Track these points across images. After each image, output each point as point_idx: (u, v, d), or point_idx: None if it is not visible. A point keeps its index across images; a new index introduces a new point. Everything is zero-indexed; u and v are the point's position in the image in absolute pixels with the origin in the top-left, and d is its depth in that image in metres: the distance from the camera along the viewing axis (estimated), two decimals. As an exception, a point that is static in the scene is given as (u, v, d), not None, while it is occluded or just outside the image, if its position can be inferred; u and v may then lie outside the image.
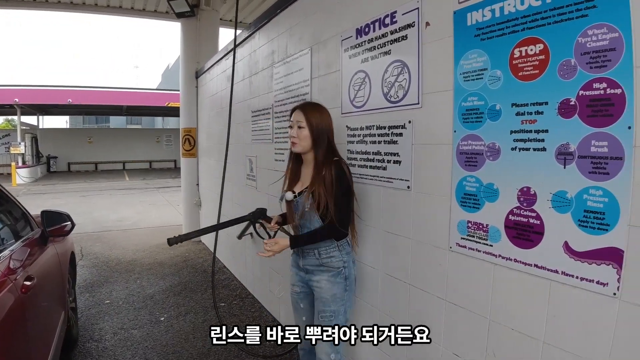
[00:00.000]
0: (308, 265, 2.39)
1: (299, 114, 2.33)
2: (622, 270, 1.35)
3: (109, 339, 3.76)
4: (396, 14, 2.24)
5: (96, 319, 4.20)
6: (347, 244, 2.36)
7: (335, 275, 2.31)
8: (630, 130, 1.31)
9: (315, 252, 2.33)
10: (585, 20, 1.41)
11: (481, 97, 1.77)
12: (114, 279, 5.45)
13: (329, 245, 2.31)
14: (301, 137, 2.30)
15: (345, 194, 2.25)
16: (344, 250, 2.33)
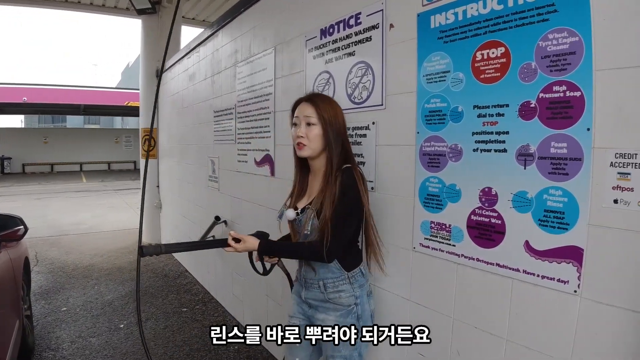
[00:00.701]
0: (311, 299, 1.97)
1: (307, 107, 1.88)
2: (582, 268, 1.38)
3: (67, 348, 3.64)
4: (361, 15, 2.24)
5: (53, 327, 4.05)
6: (360, 274, 1.93)
7: (345, 314, 1.88)
8: (589, 132, 1.35)
9: (319, 285, 1.92)
10: (546, 24, 1.44)
11: (444, 99, 1.79)
12: (70, 285, 5.28)
13: (338, 276, 1.88)
14: (311, 137, 1.85)
15: (348, 210, 1.79)
16: (356, 283, 1.90)
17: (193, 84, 5.16)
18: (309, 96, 1.95)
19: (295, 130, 1.90)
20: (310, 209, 1.84)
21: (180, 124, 5.82)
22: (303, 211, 1.90)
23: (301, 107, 1.92)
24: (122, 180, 20.53)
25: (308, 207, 1.87)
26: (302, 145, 1.88)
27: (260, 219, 3.50)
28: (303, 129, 1.87)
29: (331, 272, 1.89)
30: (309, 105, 1.89)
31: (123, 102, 20.23)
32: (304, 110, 1.89)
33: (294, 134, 1.91)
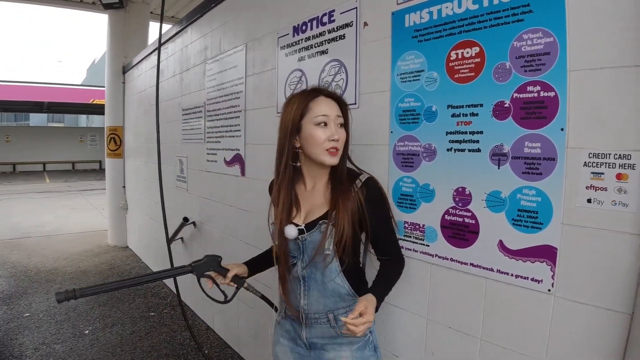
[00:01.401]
0: (316, 337, 1.63)
1: (335, 105, 1.58)
2: (556, 268, 1.39)
3: (30, 355, 3.50)
4: (334, 12, 2.22)
5: (15, 334, 3.90)
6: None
7: (362, 347, 1.61)
8: (563, 132, 1.35)
9: (329, 318, 1.60)
10: (521, 24, 1.45)
11: (418, 99, 1.78)
12: (33, 289, 5.09)
13: (351, 304, 1.59)
14: (342, 142, 1.58)
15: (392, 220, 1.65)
16: None
17: (161, 81, 5.04)
18: (333, 93, 1.63)
19: (325, 132, 1.53)
20: (325, 224, 1.55)
21: (147, 123, 5.70)
22: (311, 227, 1.57)
23: (328, 104, 1.57)
24: (86, 180, 20.04)
25: (323, 222, 1.56)
26: (337, 151, 1.56)
27: (230, 220, 3.45)
28: (334, 129, 1.55)
29: (343, 300, 1.59)
30: (336, 104, 1.60)
31: (88, 99, 19.71)
32: (334, 109, 1.57)
33: (326, 136, 1.53)
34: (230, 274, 1.73)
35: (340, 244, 1.51)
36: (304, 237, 1.58)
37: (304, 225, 1.59)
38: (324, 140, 1.53)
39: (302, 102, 1.56)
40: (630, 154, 1.22)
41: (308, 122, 1.54)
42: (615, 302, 1.28)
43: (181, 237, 4.45)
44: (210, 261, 1.72)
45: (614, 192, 1.26)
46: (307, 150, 1.56)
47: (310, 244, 1.57)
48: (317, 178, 1.65)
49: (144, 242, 6.21)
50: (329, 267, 1.56)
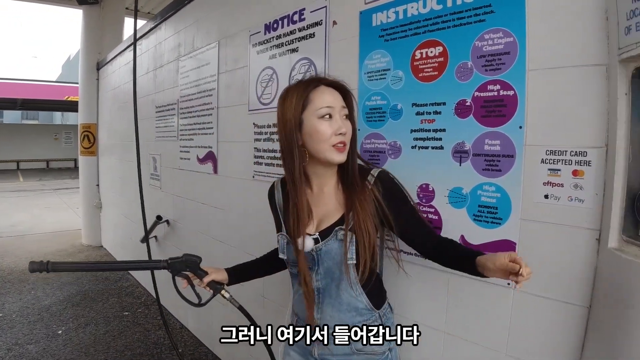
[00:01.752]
0: (329, 354, 1.48)
1: (337, 95, 1.41)
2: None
3: (3, 356, 3.45)
4: (304, 11, 2.23)
5: (-12, 335, 3.84)
6: (390, 310, 1.55)
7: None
8: (521, 129, 1.39)
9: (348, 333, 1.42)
10: (483, 24, 1.48)
11: (384, 97, 1.81)
12: (5, 290, 5.00)
13: (368, 318, 1.45)
14: (349, 135, 1.41)
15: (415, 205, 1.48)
16: (388, 322, 1.50)
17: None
18: (336, 81, 1.44)
19: (331, 126, 1.36)
20: (343, 230, 1.38)
21: (121, 120, 5.64)
22: (327, 235, 1.41)
23: (332, 93, 1.40)
24: (61, 179, 19.71)
25: (339, 228, 1.39)
26: (344, 146, 1.39)
27: (202, 218, 3.45)
28: (340, 121, 1.38)
29: (360, 314, 1.44)
30: (339, 94, 1.43)
31: (63, 96, 19.41)
32: (338, 99, 1.41)
33: (332, 130, 1.36)
34: (207, 278, 1.61)
35: (365, 251, 1.36)
36: (318, 247, 1.41)
37: (318, 233, 1.42)
38: (330, 134, 1.36)
39: (302, 94, 1.38)
40: (586, 151, 1.27)
41: (310, 116, 1.37)
42: (573, 295, 1.32)
43: (154, 235, 4.42)
44: (188, 261, 1.62)
45: (570, 188, 1.30)
46: (311, 147, 1.39)
47: (326, 254, 1.40)
48: (325, 178, 1.47)
49: (119, 241, 6.15)
50: (346, 279, 1.40)
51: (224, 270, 1.69)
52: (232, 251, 3.03)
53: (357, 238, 1.36)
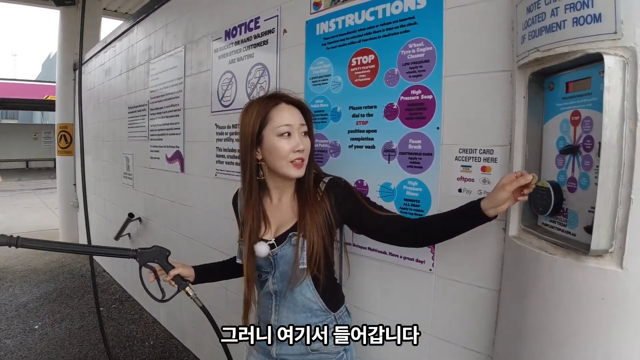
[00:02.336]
0: (288, 354, 1.54)
1: (298, 113, 1.47)
2: (435, 250, 1.60)
3: (-18, 350, 3.54)
4: (259, 19, 2.37)
5: (-34, 330, 3.92)
6: (346, 313, 1.61)
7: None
8: (439, 130, 1.55)
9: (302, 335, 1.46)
10: (407, 35, 1.64)
11: (326, 100, 1.96)
12: (-17, 288, 5.07)
13: (322, 320, 1.51)
14: (307, 152, 1.46)
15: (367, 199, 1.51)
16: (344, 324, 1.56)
17: (109, 79, 5.10)
18: (295, 99, 1.50)
19: (290, 143, 1.42)
20: (295, 236, 1.45)
21: (95, 120, 5.72)
22: (282, 241, 1.48)
23: (291, 111, 1.45)
24: (40, 179, 19.49)
25: (293, 234, 1.46)
26: (302, 162, 1.45)
27: (171, 215, 3.57)
28: (298, 138, 1.43)
29: (315, 315, 1.50)
30: (299, 111, 1.48)
31: (42, 95, 19.22)
32: (297, 117, 1.45)
33: (290, 147, 1.42)
34: (174, 272, 1.61)
35: (311, 258, 1.41)
36: (274, 251, 1.47)
37: (274, 239, 1.49)
38: (288, 151, 1.41)
39: (262, 111, 1.43)
40: (492, 149, 1.42)
41: (270, 133, 1.42)
42: (485, 280, 1.47)
43: (128, 233, 4.52)
44: (156, 252, 1.63)
45: (480, 182, 1.46)
46: (271, 162, 1.45)
47: (282, 258, 1.47)
48: (283, 190, 1.54)
49: (94, 239, 6.19)
50: (300, 282, 1.46)
51: (192, 267, 1.70)
52: (197, 246, 3.16)
53: (307, 244, 1.42)
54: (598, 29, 0.95)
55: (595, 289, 0.99)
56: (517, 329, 1.25)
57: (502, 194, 1.15)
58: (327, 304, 1.51)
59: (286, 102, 1.46)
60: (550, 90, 1.21)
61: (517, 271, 1.28)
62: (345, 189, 1.48)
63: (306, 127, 1.47)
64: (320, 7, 1.98)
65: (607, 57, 0.94)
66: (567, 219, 1.14)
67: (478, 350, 1.50)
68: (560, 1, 1.03)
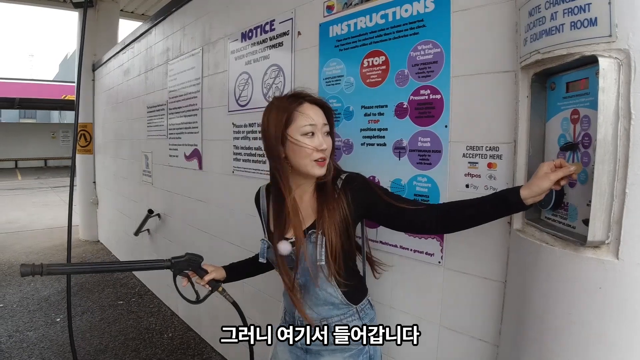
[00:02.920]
0: (314, 345, 1.57)
1: (319, 112, 1.49)
2: (444, 243, 1.66)
3: (4, 342, 3.67)
4: (274, 22, 2.45)
5: (-11, 323, 4.06)
6: (369, 306, 1.62)
7: (355, 355, 1.55)
8: (447, 128, 1.62)
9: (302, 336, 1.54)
10: (417, 37, 1.70)
11: (339, 100, 2.03)
12: (6, 282, 5.21)
13: (344, 313, 1.55)
14: (329, 151, 1.49)
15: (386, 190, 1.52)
16: (366, 317, 1.58)
17: (127, 80, 5.22)
18: (318, 99, 1.53)
19: (313, 142, 1.44)
20: (314, 233, 1.47)
21: (115, 119, 5.86)
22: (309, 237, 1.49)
23: (314, 111, 1.47)
24: (59, 177, 19.78)
25: (312, 231, 1.48)
26: (325, 161, 1.47)
27: (189, 211, 3.68)
28: (321, 138, 1.46)
29: (337, 308, 1.54)
30: (321, 111, 1.50)
31: (60, 95, 19.47)
32: (320, 117, 1.48)
33: (314, 146, 1.44)
34: (208, 277, 1.67)
35: (331, 254, 1.43)
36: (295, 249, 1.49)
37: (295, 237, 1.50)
38: (312, 150, 1.43)
39: (285, 110, 1.44)
40: (498, 146, 1.48)
41: (293, 132, 1.43)
42: (491, 271, 1.54)
43: (147, 229, 4.63)
44: (190, 260, 1.66)
45: (486, 178, 1.52)
46: (294, 161, 1.46)
47: (302, 255, 1.48)
48: (304, 188, 1.55)
49: (114, 235, 6.35)
50: (320, 277, 1.49)
51: (222, 269, 1.75)
52: (214, 240, 3.26)
53: (325, 241, 1.43)
54: (594, 32, 1.01)
55: (592, 278, 1.05)
56: (520, 318, 1.30)
57: (546, 184, 1.15)
58: (348, 297, 1.53)
59: (309, 101, 1.48)
60: (552, 90, 1.27)
61: (521, 263, 1.33)
62: (361, 183, 1.49)
63: (328, 127, 1.50)
64: (333, 10, 2.06)
65: (601, 59, 1.00)
66: (568, 213, 1.21)
67: (485, 339, 1.57)
68: (559, 5, 1.09)
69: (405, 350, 1.81)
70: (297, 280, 1.54)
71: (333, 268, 1.45)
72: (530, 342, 1.23)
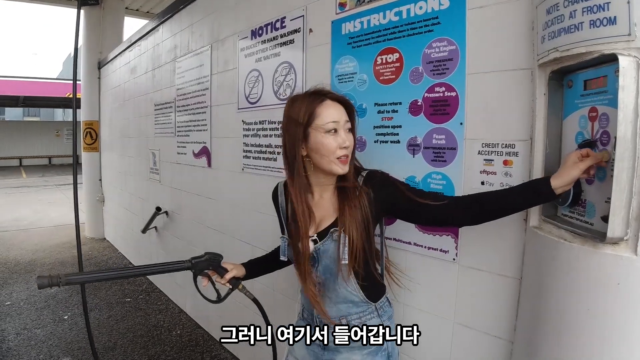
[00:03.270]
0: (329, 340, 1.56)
1: (341, 110, 1.47)
2: (459, 239, 1.67)
3: (13, 339, 3.69)
4: (285, 19, 2.46)
5: (-3, 321, 4.08)
6: (387, 304, 1.61)
7: (373, 352, 1.54)
8: (462, 125, 1.62)
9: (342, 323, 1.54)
10: (431, 34, 1.71)
11: (351, 97, 2.03)
12: (13, 280, 5.24)
13: (363, 310, 1.54)
14: (351, 148, 1.48)
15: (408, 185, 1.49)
16: (385, 315, 1.58)
17: (134, 77, 5.23)
18: (340, 96, 1.51)
19: (336, 140, 1.43)
20: (337, 231, 1.46)
21: (121, 117, 5.88)
22: (324, 236, 1.50)
23: (336, 108, 1.46)
24: (63, 175, 19.81)
25: (334, 229, 1.47)
26: (347, 159, 1.47)
27: (198, 208, 3.69)
28: (343, 135, 1.44)
29: (356, 305, 1.53)
30: (343, 108, 1.48)
31: (64, 93, 19.49)
32: (342, 114, 1.46)
33: (337, 144, 1.43)
34: (229, 275, 1.66)
35: (352, 253, 1.42)
36: (317, 247, 1.50)
37: (316, 234, 1.51)
38: (335, 148, 1.42)
39: (308, 108, 1.43)
40: (514, 143, 1.49)
41: (316, 130, 1.42)
42: (506, 268, 1.54)
43: (155, 226, 4.65)
44: (210, 260, 1.65)
45: (502, 175, 1.52)
46: (316, 159, 1.46)
47: (324, 253, 1.49)
48: (325, 185, 1.54)
49: (120, 233, 6.38)
50: (341, 275, 1.47)
51: (242, 266, 1.73)
52: (224, 237, 3.28)
53: (347, 239, 1.42)
54: (613, 31, 1.02)
55: (611, 274, 1.06)
56: (537, 315, 1.31)
57: (575, 172, 1.16)
58: (367, 295, 1.53)
59: (331, 98, 1.46)
60: (569, 87, 1.28)
61: (538, 259, 1.34)
62: (383, 180, 1.48)
63: (350, 124, 1.48)
64: (345, 7, 2.06)
65: (621, 57, 1.01)
66: (585, 210, 1.21)
67: (499, 335, 1.57)
68: (578, 4, 1.10)
69: (418, 347, 1.81)
70: (317, 277, 1.53)
71: (354, 266, 1.44)
72: (548, 338, 1.23)
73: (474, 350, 1.66)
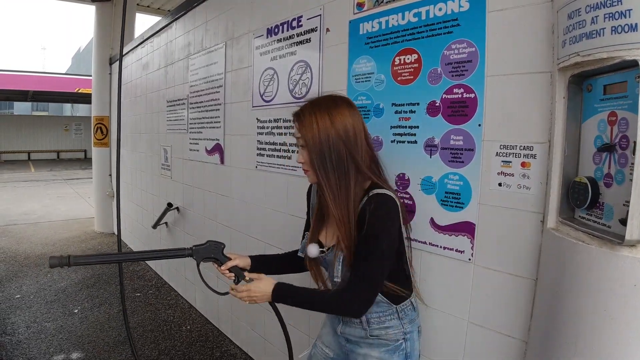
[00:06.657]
0: (350, 335, 1.64)
1: (295, 122, 1.52)
2: (475, 240, 1.68)
3: (23, 332, 3.72)
4: (302, 18, 2.47)
5: (7, 314, 4.11)
6: (411, 307, 1.62)
7: (392, 350, 1.57)
8: (480, 127, 1.63)
9: (361, 320, 1.59)
10: (451, 36, 1.72)
11: (369, 97, 2.05)
12: (23, 273, 5.29)
13: (384, 310, 1.57)
14: (305, 162, 1.52)
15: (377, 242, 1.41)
16: (406, 318, 1.59)
17: (146, 74, 5.26)
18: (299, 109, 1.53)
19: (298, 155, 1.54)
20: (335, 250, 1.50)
21: (132, 113, 5.91)
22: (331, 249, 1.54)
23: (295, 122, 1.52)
24: (71, 169, 19.98)
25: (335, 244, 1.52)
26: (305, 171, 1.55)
27: (209, 205, 3.72)
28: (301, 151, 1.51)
29: (376, 305, 1.54)
30: (295, 122, 1.51)
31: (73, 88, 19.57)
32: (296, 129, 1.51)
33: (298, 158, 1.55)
34: (231, 263, 1.66)
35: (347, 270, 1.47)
36: (322, 256, 1.57)
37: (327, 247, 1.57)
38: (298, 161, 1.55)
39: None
40: (532, 145, 1.50)
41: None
42: (522, 269, 1.55)
43: (165, 222, 4.68)
44: (211, 247, 1.64)
45: (520, 177, 1.54)
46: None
47: (329, 262, 1.56)
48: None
49: (130, 227, 6.41)
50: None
51: (248, 257, 1.72)
52: (235, 234, 3.30)
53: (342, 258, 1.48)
54: (635, 37, 1.03)
55: (628, 276, 1.07)
56: (553, 316, 1.32)
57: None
58: (388, 297, 1.55)
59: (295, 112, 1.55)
60: (589, 91, 1.29)
61: (555, 261, 1.35)
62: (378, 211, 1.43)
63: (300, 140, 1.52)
64: (363, 7, 2.08)
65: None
66: (603, 212, 1.22)
67: (513, 336, 1.58)
68: (599, 10, 1.11)
69: (432, 346, 1.84)
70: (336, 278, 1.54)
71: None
72: (564, 338, 1.25)
73: (488, 349, 1.67)
